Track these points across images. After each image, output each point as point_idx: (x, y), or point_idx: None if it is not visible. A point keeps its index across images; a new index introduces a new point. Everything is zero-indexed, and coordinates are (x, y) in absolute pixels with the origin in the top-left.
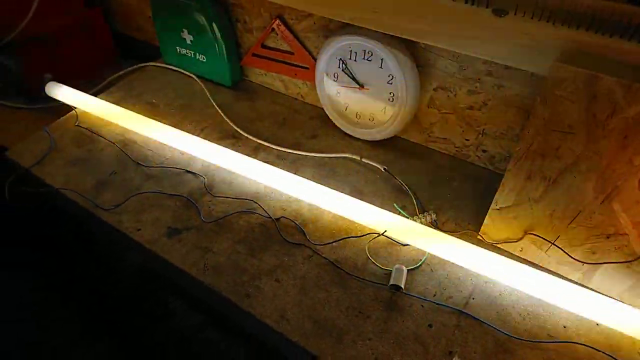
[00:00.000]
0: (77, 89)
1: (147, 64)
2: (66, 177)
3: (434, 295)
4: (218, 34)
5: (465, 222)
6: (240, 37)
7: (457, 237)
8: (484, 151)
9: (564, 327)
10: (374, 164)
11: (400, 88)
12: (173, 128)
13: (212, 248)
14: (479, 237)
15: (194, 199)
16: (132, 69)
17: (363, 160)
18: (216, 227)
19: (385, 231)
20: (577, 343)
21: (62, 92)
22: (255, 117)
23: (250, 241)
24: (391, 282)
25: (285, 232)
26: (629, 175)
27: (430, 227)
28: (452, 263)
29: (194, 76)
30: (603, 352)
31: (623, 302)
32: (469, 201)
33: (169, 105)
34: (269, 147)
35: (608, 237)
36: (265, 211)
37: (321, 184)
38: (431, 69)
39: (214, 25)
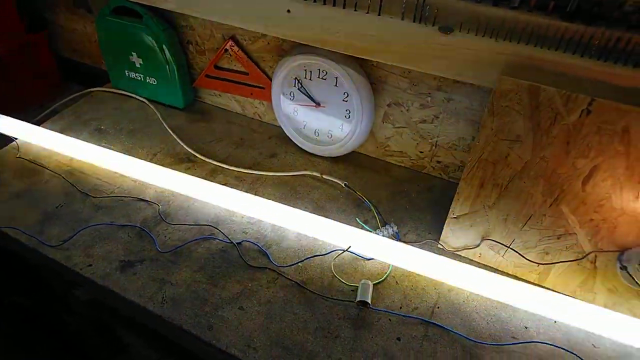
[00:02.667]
0: (20, 118)
1: (95, 89)
2: (8, 213)
3: (400, 307)
4: (169, 57)
5: (426, 232)
6: (192, 59)
7: (419, 248)
8: (438, 162)
9: (526, 327)
10: (334, 180)
11: (356, 105)
12: (123, 155)
13: (170, 279)
14: (439, 246)
15: (148, 229)
16: (78, 94)
17: (323, 176)
18: (173, 257)
19: (350, 247)
20: (538, 342)
21: (1, 123)
22: (211, 139)
23: (210, 269)
24: (358, 298)
25: (248, 256)
26: (573, 178)
27: (393, 239)
28: (416, 273)
29: (144, 100)
30: (562, 348)
31: (576, 298)
32: (428, 211)
33: (119, 131)
34: (226, 168)
35: (559, 238)
36: (226, 236)
37: (283, 203)
38: (384, 86)
39: (164, 47)
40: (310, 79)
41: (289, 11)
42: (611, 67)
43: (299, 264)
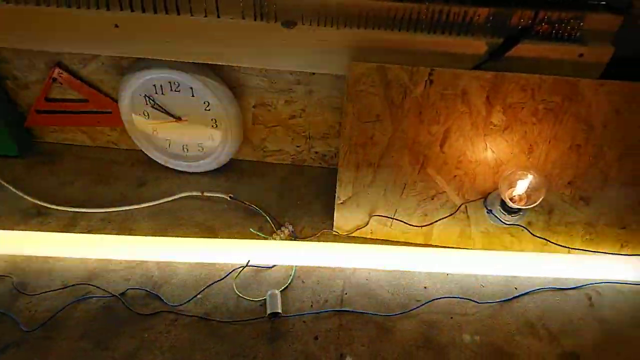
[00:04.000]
0: None
1: None
2: None
3: (312, 305)
4: None
5: (320, 223)
6: (15, 96)
7: (316, 241)
8: (316, 153)
9: (425, 287)
10: (217, 194)
11: (220, 112)
12: None
13: (47, 359)
14: (334, 233)
15: (5, 308)
16: None
17: (205, 194)
18: (45, 332)
19: (249, 261)
20: (437, 298)
21: None
22: (61, 182)
23: (95, 332)
24: (268, 311)
25: (137, 304)
26: (431, 144)
27: (291, 239)
28: (319, 267)
29: None
30: (458, 297)
31: (459, 248)
32: (318, 202)
33: None
34: (88, 212)
35: (433, 199)
36: (105, 290)
37: (164, 235)
38: (245, 88)
39: None
40: (162, 94)
41: (117, 26)
42: (440, 37)
43: (198, 296)
